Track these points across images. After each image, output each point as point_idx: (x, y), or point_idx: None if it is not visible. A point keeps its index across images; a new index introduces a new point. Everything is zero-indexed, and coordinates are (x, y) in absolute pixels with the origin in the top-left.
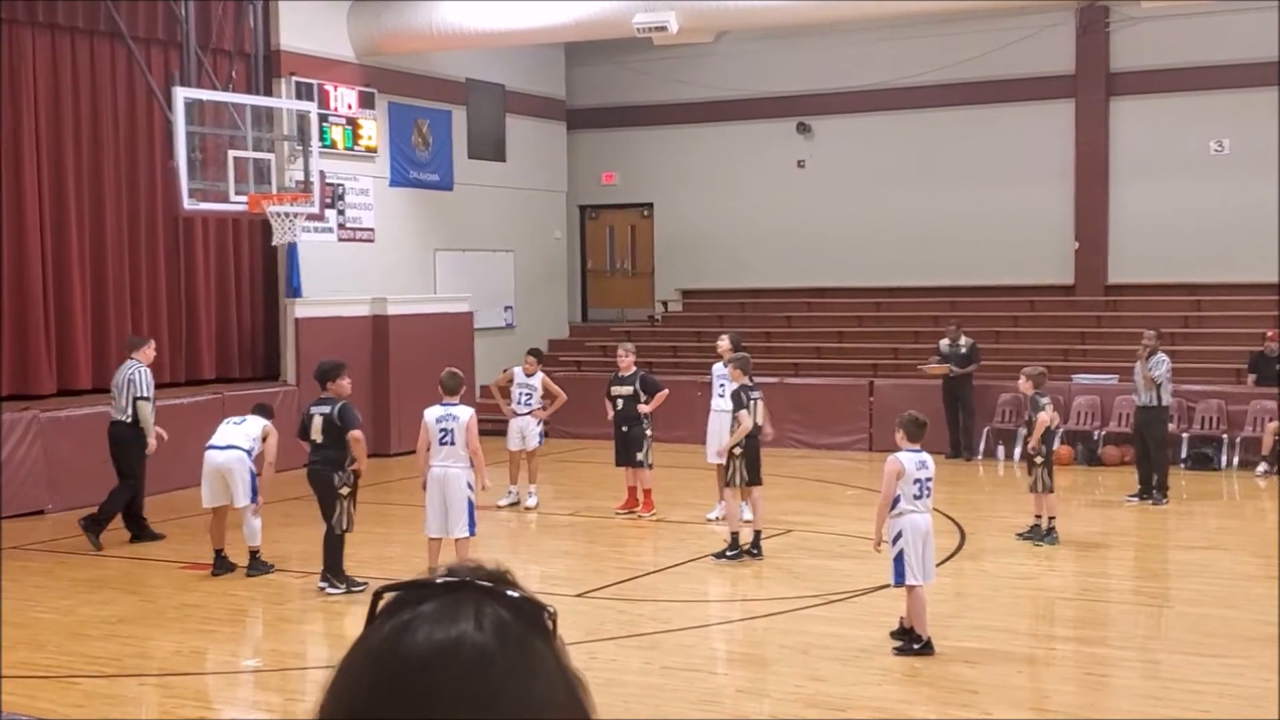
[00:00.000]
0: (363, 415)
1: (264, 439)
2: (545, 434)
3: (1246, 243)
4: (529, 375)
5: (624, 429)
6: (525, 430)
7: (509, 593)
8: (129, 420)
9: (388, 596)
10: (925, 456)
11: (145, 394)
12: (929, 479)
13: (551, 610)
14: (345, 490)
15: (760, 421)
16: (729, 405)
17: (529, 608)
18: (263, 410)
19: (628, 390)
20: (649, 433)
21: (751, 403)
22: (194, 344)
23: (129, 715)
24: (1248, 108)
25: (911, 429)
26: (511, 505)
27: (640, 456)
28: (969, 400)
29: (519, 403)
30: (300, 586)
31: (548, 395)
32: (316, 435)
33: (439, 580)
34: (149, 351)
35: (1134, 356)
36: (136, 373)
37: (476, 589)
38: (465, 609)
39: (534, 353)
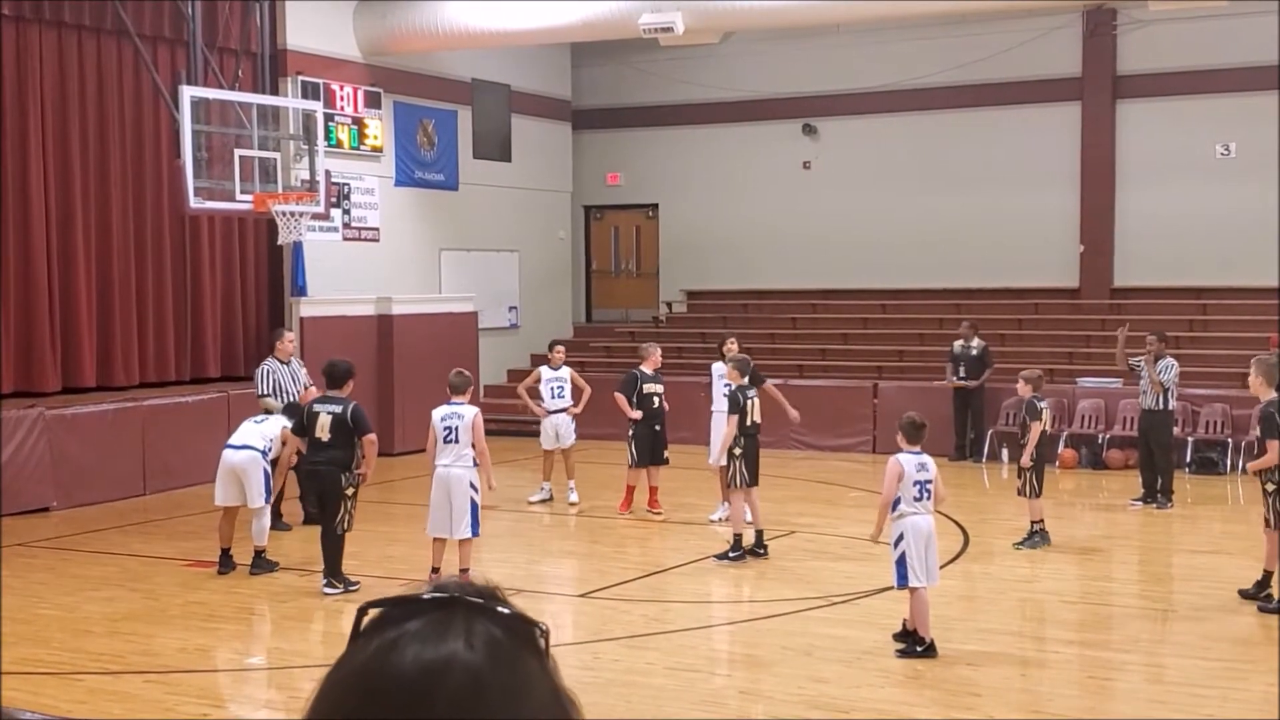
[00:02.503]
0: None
1: (283, 441)
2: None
3: (1252, 246)
4: (556, 368)
5: (656, 427)
6: (560, 428)
7: (500, 609)
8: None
9: (373, 612)
10: (926, 458)
11: (262, 391)
12: (929, 481)
13: (544, 628)
14: (350, 491)
15: (759, 419)
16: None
17: (520, 625)
18: (291, 410)
19: (660, 388)
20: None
21: (748, 402)
22: (199, 342)
23: (132, 712)
24: (1255, 111)
25: (910, 431)
26: (544, 501)
27: (666, 454)
28: (980, 406)
29: (553, 397)
30: (304, 586)
31: (574, 387)
32: (323, 434)
33: (427, 596)
34: (281, 345)
35: (1139, 360)
36: (257, 372)
37: (465, 606)
38: (455, 627)
39: (559, 343)
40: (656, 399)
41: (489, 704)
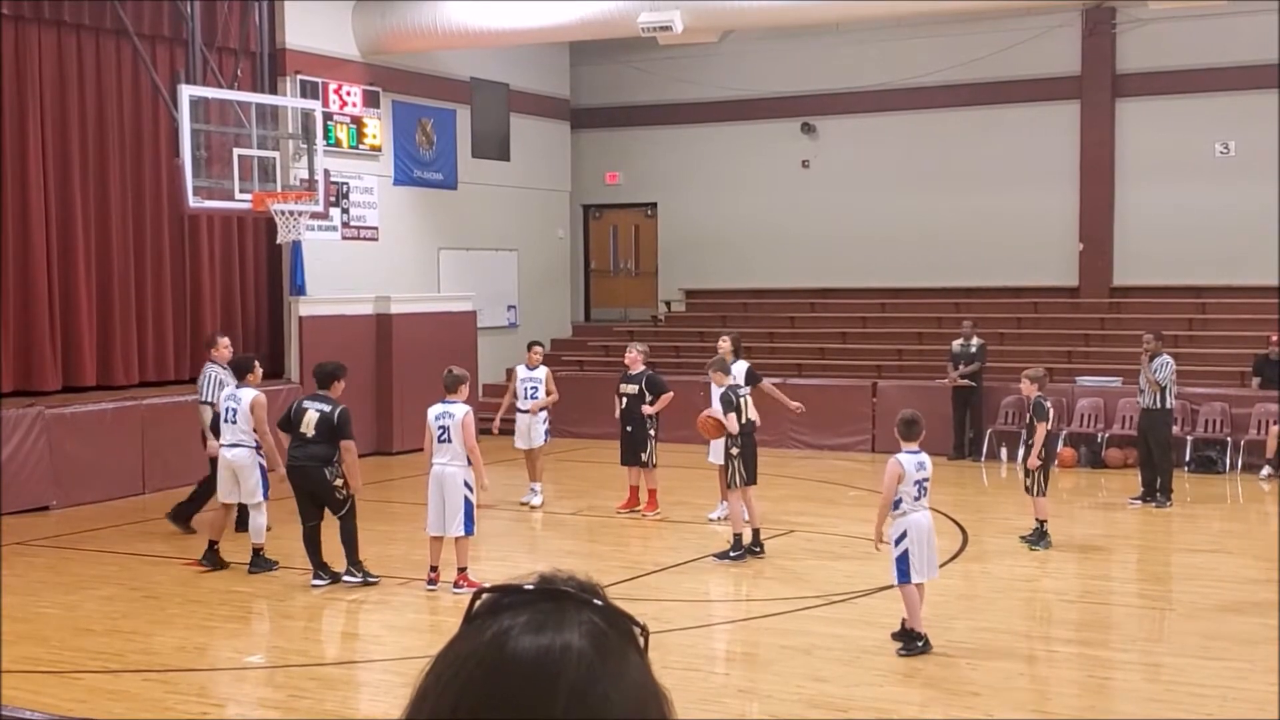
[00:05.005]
0: (366, 414)
1: (252, 412)
2: (549, 432)
3: (1251, 245)
4: (532, 368)
5: (628, 428)
6: (532, 428)
7: (606, 604)
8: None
9: (485, 598)
10: (924, 457)
11: (204, 398)
12: (926, 479)
13: (643, 625)
14: (339, 483)
15: (754, 418)
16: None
17: (622, 622)
18: (240, 369)
19: (633, 389)
20: (653, 433)
21: (739, 400)
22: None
23: (132, 711)
24: (1254, 110)
25: (903, 429)
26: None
27: (645, 457)
28: (979, 405)
29: (525, 397)
30: (303, 584)
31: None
32: (308, 429)
33: (539, 587)
34: (216, 351)
35: (1138, 359)
36: (200, 375)
37: (574, 599)
38: (569, 617)
39: (537, 343)
40: (626, 399)
41: (601, 692)
